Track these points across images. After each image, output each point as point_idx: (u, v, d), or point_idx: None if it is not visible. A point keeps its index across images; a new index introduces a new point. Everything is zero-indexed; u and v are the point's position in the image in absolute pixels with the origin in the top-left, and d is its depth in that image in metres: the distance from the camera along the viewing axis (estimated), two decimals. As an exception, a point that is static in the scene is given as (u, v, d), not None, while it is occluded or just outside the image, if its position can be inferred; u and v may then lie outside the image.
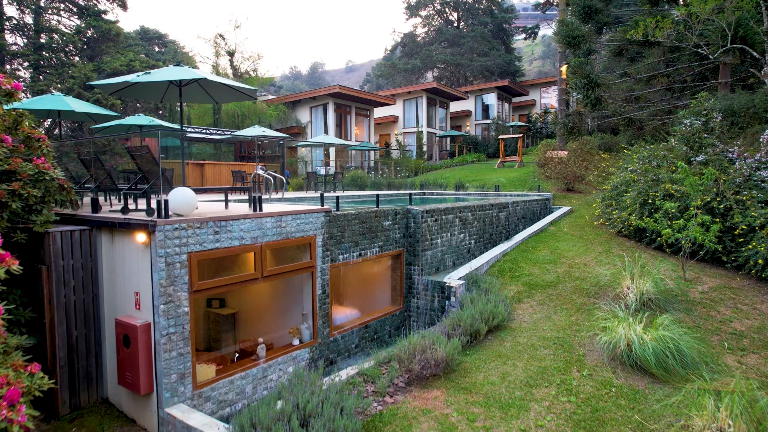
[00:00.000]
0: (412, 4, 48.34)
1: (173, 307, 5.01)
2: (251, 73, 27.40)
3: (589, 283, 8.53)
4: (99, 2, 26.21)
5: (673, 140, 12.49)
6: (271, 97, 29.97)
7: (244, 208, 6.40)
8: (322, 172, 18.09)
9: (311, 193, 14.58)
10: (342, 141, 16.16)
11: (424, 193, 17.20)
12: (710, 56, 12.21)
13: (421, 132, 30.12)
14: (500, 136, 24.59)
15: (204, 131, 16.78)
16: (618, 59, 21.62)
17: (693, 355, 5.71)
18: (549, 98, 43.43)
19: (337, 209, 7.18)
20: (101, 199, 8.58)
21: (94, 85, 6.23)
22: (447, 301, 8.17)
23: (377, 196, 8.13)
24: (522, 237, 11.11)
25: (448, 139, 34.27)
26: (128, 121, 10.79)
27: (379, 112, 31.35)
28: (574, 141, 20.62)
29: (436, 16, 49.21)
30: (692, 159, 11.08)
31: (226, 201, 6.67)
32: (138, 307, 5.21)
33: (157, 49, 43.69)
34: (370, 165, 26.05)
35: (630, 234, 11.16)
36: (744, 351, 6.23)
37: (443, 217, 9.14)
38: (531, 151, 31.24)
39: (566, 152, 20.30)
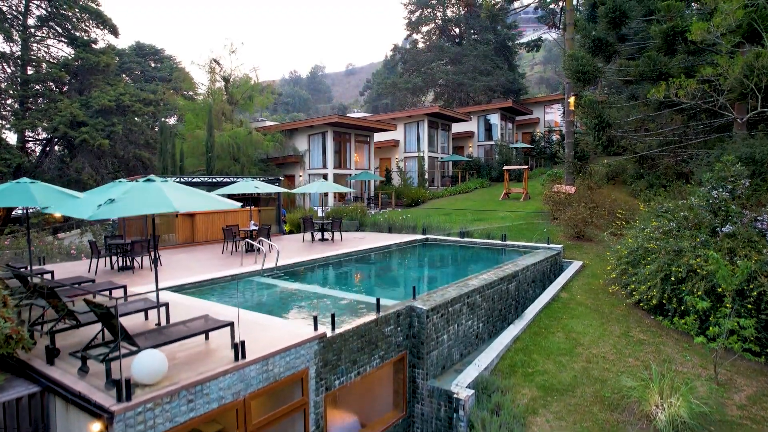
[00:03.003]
0: (413, 20, 47.50)
1: (136, 505, 4.21)
2: (247, 99, 26.65)
3: (610, 389, 7.73)
4: (89, 29, 25.33)
5: (693, 198, 11.72)
6: (268, 123, 29.19)
7: (225, 346, 5.60)
8: (320, 213, 17.30)
9: (308, 249, 13.78)
10: (339, 187, 15.36)
11: (427, 239, 16.40)
12: (738, 119, 11.43)
13: (423, 157, 29.31)
14: (504, 167, 23.77)
15: (194, 179, 16.00)
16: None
17: None
18: (552, 114, 42.72)
19: (333, 328, 6.38)
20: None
21: (48, 212, 5.48)
22: (455, 414, 7.39)
23: (377, 300, 7.32)
24: (533, 313, 10.32)
25: (451, 162, 33.46)
26: (104, 189, 9.97)
27: (379, 136, 30.55)
28: (582, 179, 19.85)
29: (437, 32, 48.29)
30: (718, 228, 10.29)
31: (207, 335, 5.85)
32: (95, 498, 4.40)
33: (153, 64, 42.92)
34: (370, 195, 25.29)
35: (650, 309, 10.38)
36: None
37: (450, 308, 8.36)
38: (536, 174, 30.45)
39: (574, 188, 19.55)
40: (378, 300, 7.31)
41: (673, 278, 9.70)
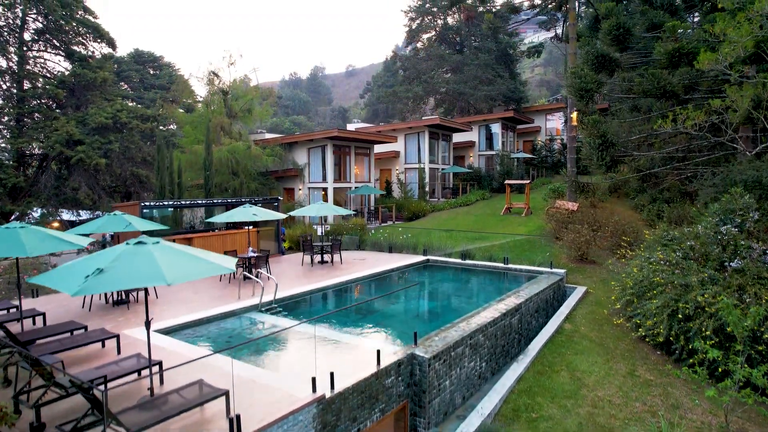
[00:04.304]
0: (413, 27, 47.25)
1: None
2: (246, 112, 26.43)
3: (618, 440, 7.50)
4: (87, 42, 25.05)
5: (700, 227, 11.48)
6: (267, 136, 28.97)
7: (221, 414, 5.37)
8: (320, 232, 17.07)
9: (307, 274, 13.55)
10: (338, 209, 15.15)
11: (428, 260, 16.17)
12: (748, 152, 11.22)
13: (423, 169, 29.09)
14: (506, 182, 23.54)
15: (192, 202, 15.78)
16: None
17: None
18: (554, 122, 42.52)
19: (332, 388, 6.15)
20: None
21: (32, 281, 5.25)
22: (458, 467, 7.15)
23: (378, 353, 7.09)
24: (536, 348, 10.08)
25: (452, 173, 33.19)
26: (99, 225, 9.81)
27: (379, 147, 30.34)
28: (585, 196, 19.64)
29: (437, 39, 47.95)
30: (726, 263, 10.06)
31: (202, 405, 5.62)
32: None
33: (151, 72, 42.68)
34: (370, 209, 25.07)
35: (656, 344, 10.15)
36: None
37: (452, 353, 8.14)
38: (537, 185, 30.21)
39: (576, 204, 19.34)
40: (378, 352, 7.08)
41: (680, 315, 9.47)
